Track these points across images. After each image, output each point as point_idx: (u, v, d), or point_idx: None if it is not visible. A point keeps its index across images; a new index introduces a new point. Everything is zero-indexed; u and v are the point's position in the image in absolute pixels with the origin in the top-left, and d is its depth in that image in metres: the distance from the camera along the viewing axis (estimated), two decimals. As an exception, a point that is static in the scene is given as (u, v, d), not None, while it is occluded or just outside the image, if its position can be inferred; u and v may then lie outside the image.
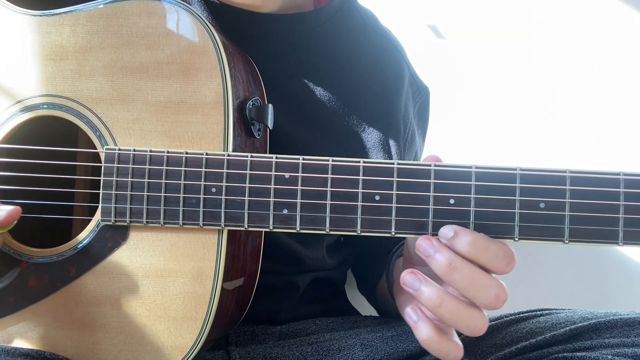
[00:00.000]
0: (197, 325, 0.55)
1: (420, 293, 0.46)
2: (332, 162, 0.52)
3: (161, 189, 0.54)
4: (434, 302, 0.45)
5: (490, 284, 0.45)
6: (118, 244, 0.56)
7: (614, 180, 0.49)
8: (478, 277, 0.45)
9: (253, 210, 0.53)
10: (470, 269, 0.45)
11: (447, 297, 0.45)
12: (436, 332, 0.46)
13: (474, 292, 0.45)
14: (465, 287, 0.45)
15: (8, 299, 0.57)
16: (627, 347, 0.54)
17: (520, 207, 0.50)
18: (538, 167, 0.50)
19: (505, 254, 0.46)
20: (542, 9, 1.17)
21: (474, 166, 0.50)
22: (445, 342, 0.46)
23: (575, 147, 1.16)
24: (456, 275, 0.45)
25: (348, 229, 0.52)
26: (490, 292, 0.45)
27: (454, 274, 0.45)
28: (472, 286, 0.45)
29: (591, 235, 0.49)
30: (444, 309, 0.45)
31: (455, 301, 0.45)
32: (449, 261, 0.45)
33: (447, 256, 0.46)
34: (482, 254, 0.45)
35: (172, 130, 0.56)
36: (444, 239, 0.47)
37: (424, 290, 0.46)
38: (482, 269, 0.46)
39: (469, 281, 0.45)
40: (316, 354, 0.65)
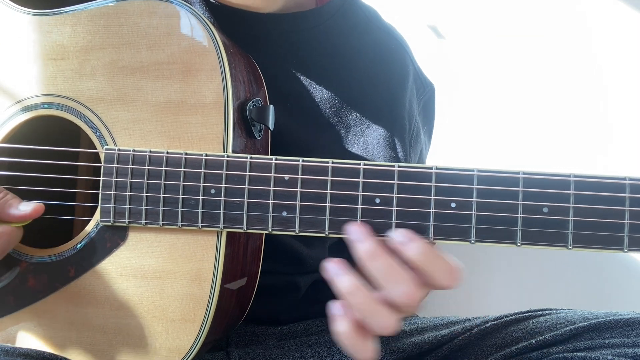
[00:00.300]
0: (195, 327, 0.54)
1: (338, 280, 0.48)
2: (332, 164, 0.51)
3: (160, 189, 0.54)
4: (346, 289, 0.47)
5: (405, 278, 0.46)
6: (117, 245, 0.56)
7: (620, 185, 0.48)
8: (395, 269, 0.46)
9: (252, 212, 0.52)
10: (390, 261, 0.47)
11: (360, 289, 0.47)
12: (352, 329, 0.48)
13: (388, 282, 0.46)
14: (382, 276, 0.47)
15: (7, 299, 0.57)
16: (627, 347, 0.53)
17: (523, 211, 0.49)
18: (541, 170, 0.49)
19: (452, 270, 0.46)
20: (542, 8, 1.15)
21: (476, 169, 0.50)
22: (358, 341, 0.48)
23: (579, 150, 1.14)
24: (375, 263, 0.47)
25: (348, 232, 0.51)
26: (403, 285, 0.46)
27: (373, 261, 0.47)
28: (387, 276, 0.46)
29: (596, 241, 0.48)
30: (355, 299, 0.47)
31: (367, 295, 0.47)
32: (372, 249, 0.47)
33: (370, 245, 0.48)
34: (429, 265, 0.46)
35: (172, 130, 0.55)
36: (394, 242, 0.48)
37: (341, 278, 0.47)
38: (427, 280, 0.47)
39: (386, 271, 0.46)
40: (317, 355, 0.65)
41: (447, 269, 0.46)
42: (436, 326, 0.67)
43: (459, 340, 0.63)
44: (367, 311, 0.47)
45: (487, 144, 1.16)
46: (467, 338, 0.62)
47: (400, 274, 0.46)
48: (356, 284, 0.47)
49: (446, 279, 0.46)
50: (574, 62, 1.15)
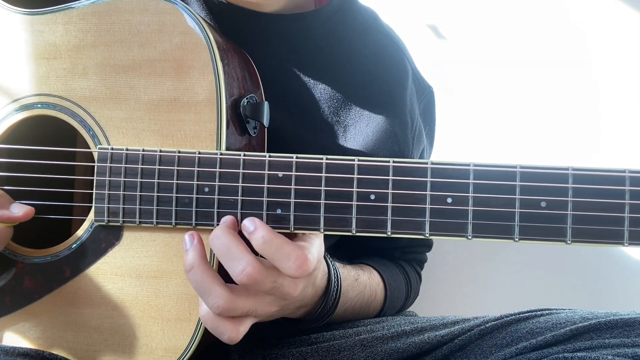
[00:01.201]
0: (191, 326, 0.54)
1: (186, 253, 0.51)
2: (326, 161, 0.51)
3: (154, 188, 0.53)
4: (186, 266, 0.50)
5: (242, 257, 0.48)
6: (112, 245, 0.55)
7: (619, 178, 0.47)
8: (233, 249, 0.49)
9: (246, 210, 0.52)
10: (228, 240, 0.49)
11: (197, 267, 0.50)
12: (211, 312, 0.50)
13: (227, 261, 0.49)
14: (221, 255, 0.50)
15: (4, 300, 0.57)
16: (627, 347, 0.52)
17: (520, 206, 0.48)
18: (539, 164, 0.48)
19: (297, 257, 0.48)
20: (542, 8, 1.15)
21: (472, 164, 0.49)
22: (221, 322, 0.50)
23: (578, 145, 1.13)
24: (215, 242, 0.50)
25: (343, 228, 0.51)
26: (239, 263, 0.48)
27: (213, 240, 0.50)
28: (226, 255, 0.49)
29: (595, 235, 0.47)
30: (192, 275, 0.50)
31: (203, 272, 0.50)
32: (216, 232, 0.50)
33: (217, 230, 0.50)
34: (273, 253, 0.48)
35: (165, 128, 0.55)
36: (246, 231, 0.50)
37: (189, 252, 0.51)
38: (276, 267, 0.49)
39: (225, 250, 0.49)
40: (316, 354, 0.64)
41: (293, 257, 0.48)
42: (436, 326, 0.66)
43: (459, 340, 0.62)
44: (200, 288, 0.49)
45: (486, 144, 1.15)
46: (467, 338, 0.62)
47: (240, 252, 0.49)
48: (193, 263, 0.50)
49: (290, 267, 0.48)
50: (573, 61, 1.14)
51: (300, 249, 0.49)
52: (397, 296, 0.77)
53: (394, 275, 0.78)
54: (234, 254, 0.49)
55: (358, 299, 0.69)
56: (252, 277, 0.48)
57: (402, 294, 0.79)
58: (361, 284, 0.70)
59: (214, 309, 0.49)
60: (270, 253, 0.49)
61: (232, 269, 0.49)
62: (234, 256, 0.49)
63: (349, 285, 0.67)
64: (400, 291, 0.79)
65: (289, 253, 0.48)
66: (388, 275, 0.76)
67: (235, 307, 0.50)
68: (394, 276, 0.78)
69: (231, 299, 0.49)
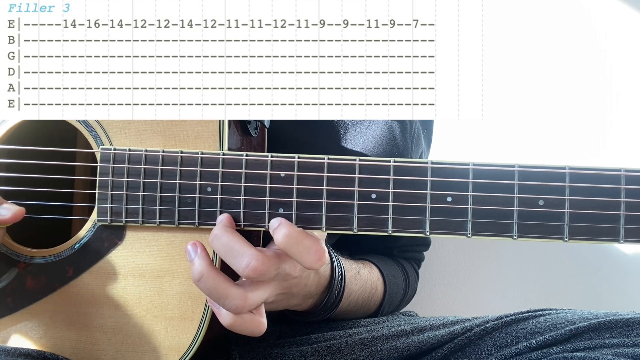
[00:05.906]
0: (194, 325, 0.54)
1: (192, 264, 0.51)
2: (328, 160, 0.51)
3: (157, 188, 0.54)
4: (194, 276, 0.50)
5: (244, 253, 0.49)
6: (115, 244, 0.56)
7: (615, 176, 0.48)
8: (234, 246, 0.49)
9: (249, 210, 0.53)
10: (228, 238, 0.50)
11: (207, 274, 0.49)
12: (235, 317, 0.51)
13: (230, 259, 0.49)
14: (223, 254, 0.50)
15: (6, 300, 0.57)
16: (627, 347, 0.53)
17: (518, 204, 0.49)
18: (537, 163, 0.49)
19: (316, 250, 0.49)
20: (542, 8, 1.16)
21: (471, 163, 0.50)
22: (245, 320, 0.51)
23: (575, 143, 1.14)
24: (216, 242, 0.50)
25: (344, 227, 0.51)
26: (243, 259, 0.49)
27: (214, 241, 0.50)
28: (229, 253, 0.49)
29: (591, 233, 0.48)
30: (203, 284, 0.50)
31: (214, 279, 0.49)
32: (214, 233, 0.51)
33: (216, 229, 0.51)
34: (293, 246, 0.49)
35: (168, 129, 0.55)
36: (271, 229, 0.51)
37: (195, 262, 0.50)
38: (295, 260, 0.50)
39: (227, 248, 0.50)
40: (316, 353, 0.65)
41: (313, 249, 0.49)
42: (436, 326, 0.67)
43: (459, 340, 0.62)
44: (215, 294, 0.49)
45: (487, 143, 1.16)
46: (467, 338, 0.62)
47: (241, 247, 0.49)
48: (203, 270, 0.50)
49: (311, 259, 0.49)
50: (573, 61, 1.15)
51: (318, 242, 0.50)
52: (395, 292, 0.78)
53: (393, 272, 0.79)
54: (236, 251, 0.49)
55: (361, 291, 0.70)
56: (257, 270, 0.49)
57: (400, 290, 0.80)
58: (363, 277, 0.71)
59: (234, 310, 0.50)
60: (290, 246, 0.49)
61: (237, 265, 0.49)
62: (236, 253, 0.49)
63: (352, 277, 0.68)
64: (398, 287, 0.79)
65: (309, 247, 0.49)
66: (387, 271, 0.77)
67: (252, 302, 0.50)
68: (392, 272, 0.79)
69: (245, 296, 0.50)
